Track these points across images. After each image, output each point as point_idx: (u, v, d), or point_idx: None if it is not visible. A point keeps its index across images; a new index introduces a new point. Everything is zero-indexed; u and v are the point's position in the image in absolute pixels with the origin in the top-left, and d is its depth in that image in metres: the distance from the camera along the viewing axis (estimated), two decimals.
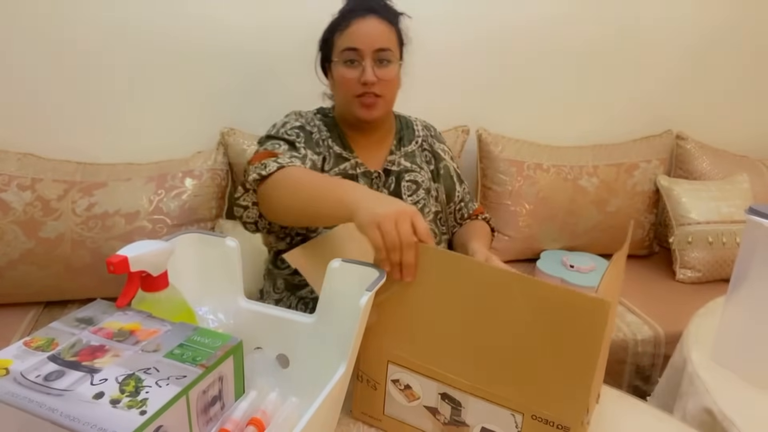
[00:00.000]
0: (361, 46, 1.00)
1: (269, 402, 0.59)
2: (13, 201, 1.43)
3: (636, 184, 1.87)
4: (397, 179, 1.12)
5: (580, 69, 1.92)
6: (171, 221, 1.50)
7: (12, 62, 1.52)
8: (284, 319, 0.70)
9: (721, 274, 1.73)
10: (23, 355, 0.50)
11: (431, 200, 1.14)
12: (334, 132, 1.10)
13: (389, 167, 1.12)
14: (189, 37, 1.60)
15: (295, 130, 1.06)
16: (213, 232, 0.80)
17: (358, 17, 1.01)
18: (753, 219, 0.87)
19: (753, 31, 1.98)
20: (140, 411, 0.44)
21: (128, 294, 0.60)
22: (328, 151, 1.08)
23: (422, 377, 0.70)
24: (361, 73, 1.01)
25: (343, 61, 1.02)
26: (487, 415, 0.66)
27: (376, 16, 1.02)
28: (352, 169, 1.08)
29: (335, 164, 1.07)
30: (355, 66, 1.01)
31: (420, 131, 1.20)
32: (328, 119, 1.13)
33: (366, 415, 0.76)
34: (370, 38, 1.00)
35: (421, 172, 1.14)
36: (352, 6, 1.04)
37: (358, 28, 1.01)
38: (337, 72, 1.04)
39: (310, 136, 1.06)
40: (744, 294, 0.91)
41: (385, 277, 0.64)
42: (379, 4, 1.05)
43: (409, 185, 1.12)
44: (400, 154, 1.14)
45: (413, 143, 1.17)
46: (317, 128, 1.09)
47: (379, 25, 1.02)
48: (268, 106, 1.72)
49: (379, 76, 1.01)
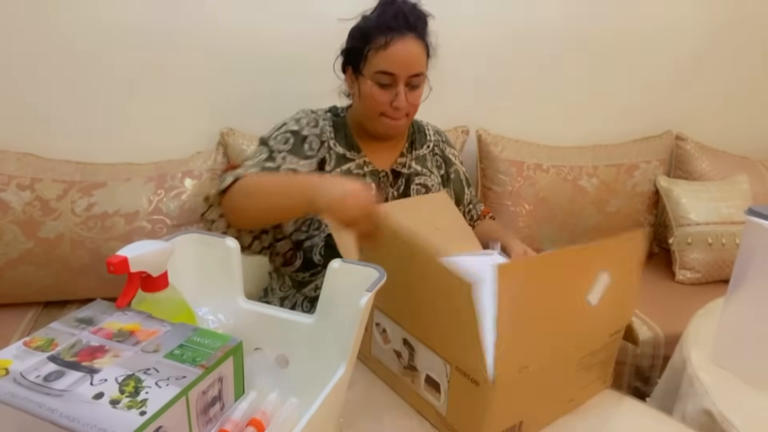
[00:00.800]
0: (397, 71, 1.00)
1: (269, 402, 0.59)
2: (12, 201, 1.43)
3: (636, 184, 1.87)
4: (406, 182, 1.12)
5: (580, 70, 1.92)
6: (170, 221, 1.50)
7: (11, 62, 1.52)
8: (284, 319, 0.70)
9: (721, 275, 1.73)
10: (23, 355, 0.50)
11: None
12: (340, 133, 1.10)
13: (399, 169, 1.12)
14: (189, 37, 1.60)
15: (286, 136, 1.04)
16: (213, 233, 0.80)
17: (396, 37, 0.99)
18: (752, 220, 0.87)
19: (753, 31, 1.98)
20: (140, 411, 0.44)
21: (128, 294, 0.60)
22: (329, 152, 1.07)
23: (392, 322, 0.80)
24: (393, 97, 1.01)
25: (376, 82, 1.01)
26: (430, 362, 0.74)
27: (414, 35, 1.01)
28: (357, 168, 1.09)
29: (337, 165, 1.07)
30: (388, 89, 1.01)
31: (432, 136, 1.21)
32: (338, 119, 1.12)
33: (360, 353, 0.82)
34: (407, 64, 1.00)
35: (431, 176, 1.15)
36: (389, 21, 1.00)
37: (397, 52, 0.99)
38: (366, 88, 1.03)
39: (302, 142, 1.04)
40: (743, 295, 0.91)
41: (385, 277, 0.64)
42: (415, 16, 1.02)
43: (418, 189, 1.13)
44: (411, 156, 1.15)
45: (425, 147, 1.18)
46: (321, 129, 1.08)
47: (416, 46, 1.01)
48: (268, 107, 1.71)
49: (409, 100, 1.02)
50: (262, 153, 1.03)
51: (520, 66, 1.87)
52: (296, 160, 1.02)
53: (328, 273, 0.68)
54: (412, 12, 1.02)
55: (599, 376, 0.81)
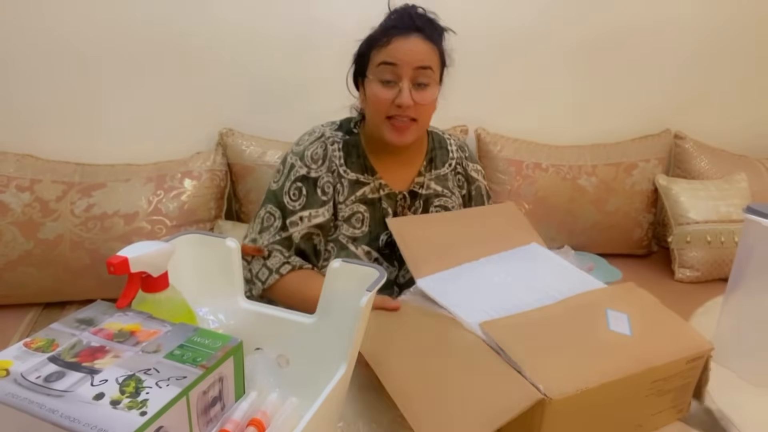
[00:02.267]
0: (399, 62, 0.93)
1: (269, 402, 0.59)
2: (11, 202, 1.43)
3: (635, 183, 1.87)
4: (425, 203, 1.07)
5: (579, 69, 1.92)
6: (170, 222, 1.50)
7: (11, 63, 1.52)
8: (284, 319, 0.70)
9: (720, 274, 1.73)
10: (23, 356, 0.50)
11: None
12: (353, 154, 1.04)
13: (416, 189, 1.06)
14: (188, 38, 1.61)
15: (297, 186, 1.01)
16: (213, 233, 0.80)
17: (400, 35, 0.94)
18: (751, 218, 0.87)
19: (752, 30, 1.99)
20: (140, 412, 0.44)
21: (128, 295, 0.60)
22: (340, 181, 1.02)
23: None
24: (396, 94, 0.94)
25: (379, 79, 0.95)
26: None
27: (420, 35, 0.95)
28: (372, 192, 1.03)
29: (351, 192, 1.03)
30: (391, 86, 0.94)
31: (454, 153, 1.12)
32: (351, 138, 1.05)
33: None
34: (410, 55, 0.93)
35: (452, 198, 1.09)
36: (394, 22, 0.96)
37: (399, 45, 0.93)
38: (370, 89, 0.97)
39: (314, 187, 1.01)
40: (743, 293, 0.91)
41: (385, 277, 0.64)
42: (423, 20, 0.97)
43: (437, 211, 1.07)
44: (430, 176, 1.08)
45: (446, 165, 1.10)
46: (329, 158, 1.02)
47: (422, 44, 0.95)
48: (267, 107, 1.72)
49: (416, 99, 0.94)
50: (274, 220, 1.01)
51: (519, 65, 1.87)
52: (314, 212, 1.00)
53: (328, 273, 0.68)
54: (419, 16, 0.97)
55: (674, 404, 0.78)
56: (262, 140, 1.68)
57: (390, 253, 1.04)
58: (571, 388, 0.62)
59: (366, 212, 1.03)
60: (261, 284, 0.99)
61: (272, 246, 1.01)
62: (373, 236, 1.03)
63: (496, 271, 0.88)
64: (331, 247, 1.03)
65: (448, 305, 0.79)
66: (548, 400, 0.60)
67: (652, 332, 0.73)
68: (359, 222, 1.03)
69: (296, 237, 1.01)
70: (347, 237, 1.02)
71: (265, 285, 0.98)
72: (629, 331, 0.72)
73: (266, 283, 0.98)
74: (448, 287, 0.83)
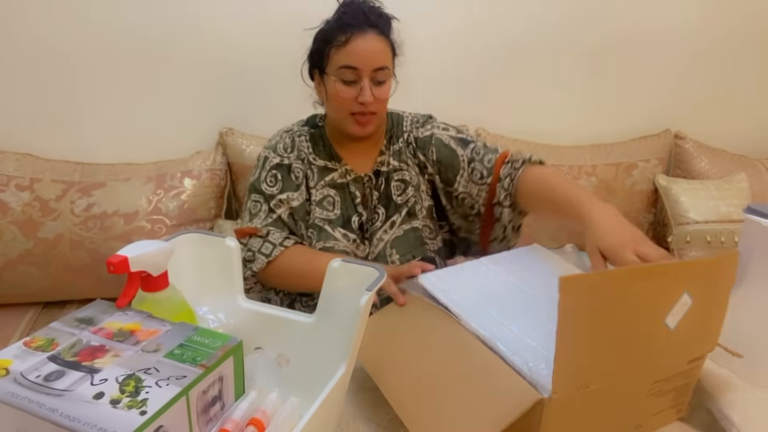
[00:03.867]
0: (360, 65, 0.99)
1: (269, 402, 0.59)
2: (11, 201, 1.43)
3: (634, 183, 1.87)
4: (386, 180, 1.12)
5: (579, 69, 1.92)
6: (170, 221, 1.50)
7: (11, 62, 1.52)
8: (284, 319, 0.70)
9: None
10: (23, 355, 0.50)
11: (422, 195, 1.13)
12: (318, 145, 1.11)
13: (379, 168, 1.12)
14: (187, 36, 1.60)
15: (272, 173, 1.08)
16: (213, 232, 0.80)
17: (356, 33, 0.99)
18: (751, 218, 0.87)
19: (752, 31, 1.99)
20: (140, 411, 0.44)
21: (128, 294, 0.60)
22: (310, 168, 1.09)
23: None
24: (358, 92, 1.01)
25: (340, 79, 1.01)
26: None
27: (375, 31, 1.01)
28: (341, 177, 1.10)
29: (320, 178, 1.09)
30: (352, 85, 1.01)
31: (407, 126, 1.16)
32: (316, 131, 1.13)
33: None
34: (369, 58, 1.00)
35: (408, 169, 1.13)
36: (348, 20, 1.01)
37: (357, 46, 0.99)
38: (331, 87, 1.03)
39: (288, 172, 1.08)
40: (742, 293, 0.91)
41: (385, 276, 0.64)
42: (375, 15, 1.03)
43: (397, 185, 1.12)
44: (389, 153, 1.13)
45: (401, 140, 1.15)
46: (298, 148, 1.10)
47: (378, 42, 1.01)
48: (267, 106, 1.72)
49: (375, 95, 1.01)
50: (260, 205, 1.07)
51: (520, 65, 1.87)
52: (291, 195, 1.07)
53: (328, 272, 0.68)
54: (372, 11, 1.02)
55: (674, 404, 0.77)
56: (262, 139, 1.68)
57: (362, 235, 1.10)
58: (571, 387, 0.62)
59: (336, 195, 1.09)
60: (265, 258, 1.02)
61: (267, 227, 1.05)
62: (345, 218, 1.09)
63: (499, 270, 0.88)
64: (311, 232, 1.08)
65: (448, 303, 0.79)
66: (547, 400, 0.60)
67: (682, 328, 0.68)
68: (331, 205, 1.09)
69: (284, 217, 1.06)
70: (322, 219, 1.08)
71: (270, 257, 1.02)
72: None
73: (271, 255, 1.02)
74: (449, 285, 0.83)
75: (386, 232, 1.09)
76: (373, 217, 1.11)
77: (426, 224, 1.13)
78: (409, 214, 1.11)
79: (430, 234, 1.13)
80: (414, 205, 1.11)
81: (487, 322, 0.74)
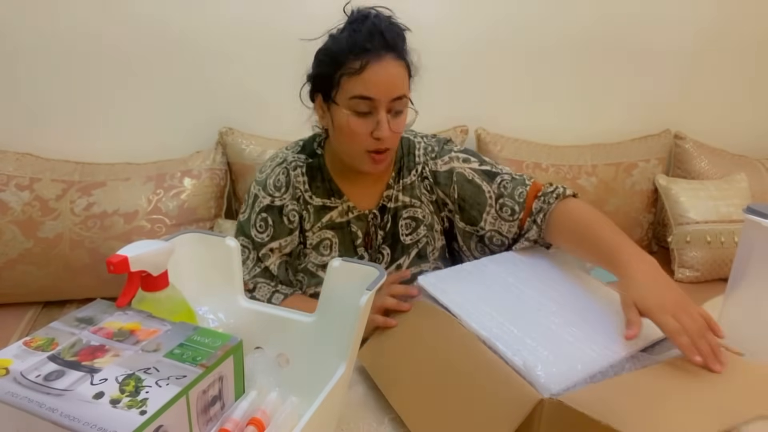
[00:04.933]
0: (377, 96, 0.87)
1: (269, 402, 0.59)
2: (11, 201, 1.43)
3: (634, 183, 1.87)
4: (393, 217, 1.01)
5: (579, 68, 1.92)
6: (170, 221, 1.50)
7: (10, 62, 1.52)
8: (284, 318, 0.70)
9: (720, 274, 1.73)
10: (23, 354, 0.50)
11: (435, 235, 1.04)
12: (317, 178, 1.00)
13: (385, 203, 1.01)
14: (187, 36, 1.60)
15: (262, 217, 0.98)
16: (213, 232, 0.80)
17: (372, 59, 0.86)
18: (751, 218, 0.87)
19: (751, 30, 1.99)
20: (140, 411, 0.44)
21: (128, 294, 0.60)
22: (306, 208, 0.99)
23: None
24: (373, 126, 0.88)
25: (353, 111, 0.88)
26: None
27: (393, 55, 0.88)
28: (341, 216, 1.00)
29: (317, 220, 1.00)
30: (367, 117, 0.88)
31: (420, 157, 1.03)
32: (315, 161, 1.01)
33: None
34: (387, 87, 0.87)
35: (421, 207, 1.02)
36: (363, 43, 0.86)
37: (375, 75, 0.86)
38: (342, 120, 0.90)
39: (280, 215, 0.98)
40: (742, 293, 0.91)
41: (384, 276, 0.64)
42: (392, 33, 0.89)
43: (408, 223, 1.01)
44: (398, 187, 1.01)
45: (413, 173, 1.03)
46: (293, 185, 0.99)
47: (396, 67, 0.88)
48: (267, 106, 1.72)
49: (393, 129, 0.89)
50: (248, 252, 0.98)
51: (519, 65, 1.87)
52: (283, 243, 0.99)
53: (328, 272, 0.68)
54: (389, 29, 0.88)
55: None
56: (261, 139, 1.68)
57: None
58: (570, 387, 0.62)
59: (334, 237, 1.00)
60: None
61: (255, 280, 0.98)
62: None
63: (498, 271, 0.88)
64: (301, 277, 1.01)
65: (448, 304, 0.79)
66: (547, 400, 0.60)
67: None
68: (327, 249, 1.00)
69: (273, 268, 0.99)
70: (316, 265, 1.00)
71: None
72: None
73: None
74: (448, 285, 0.83)
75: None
76: (376, 258, 1.02)
77: (438, 266, 1.02)
78: (419, 255, 1.01)
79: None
80: (425, 246, 1.01)
81: (488, 323, 0.74)
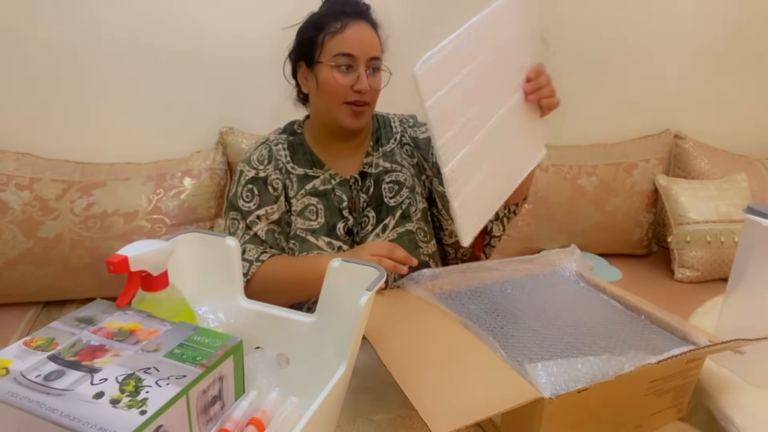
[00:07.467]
0: (357, 52, 0.98)
1: (269, 402, 0.59)
2: (11, 201, 1.43)
3: (635, 183, 1.87)
4: (376, 182, 1.09)
5: (579, 69, 1.92)
6: (170, 221, 1.50)
7: (10, 62, 1.52)
8: (284, 318, 0.70)
9: (720, 274, 1.74)
10: (23, 354, 0.50)
11: (417, 197, 1.11)
12: (299, 152, 1.08)
13: (366, 170, 1.09)
14: (187, 36, 1.60)
15: (248, 188, 1.04)
16: (213, 232, 0.80)
17: (350, 21, 0.99)
18: (751, 218, 0.87)
19: (751, 30, 1.99)
20: (140, 411, 0.44)
21: (128, 294, 0.60)
22: (289, 177, 1.06)
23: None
24: (354, 80, 0.99)
25: (336, 66, 0.99)
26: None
27: (367, 22, 1.01)
28: (324, 183, 1.07)
29: (300, 187, 1.06)
30: (348, 72, 0.99)
31: (397, 127, 1.15)
32: (295, 138, 1.10)
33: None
34: (365, 45, 0.99)
35: (402, 170, 1.10)
36: (341, 8, 1.01)
37: (354, 34, 0.99)
38: (326, 75, 1.00)
39: (265, 185, 1.04)
40: (742, 293, 0.91)
41: (384, 276, 0.64)
42: (367, 9, 1.04)
43: (391, 186, 1.09)
44: (378, 155, 1.11)
45: (392, 141, 1.13)
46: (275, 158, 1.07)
47: (371, 32, 1.01)
48: (267, 106, 1.71)
49: (371, 84, 1.00)
50: (237, 223, 1.03)
51: None
52: (269, 210, 1.03)
53: (328, 272, 0.68)
54: (359, 2, 1.04)
55: (674, 404, 0.77)
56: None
57: (351, 240, 1.07)
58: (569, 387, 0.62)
59: (319, 204, 1.06)
60: (243, 277, 0.97)
61: (244, 245, 1.02)
62: (330, 227, 1.05)
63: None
64: (293, 244, 1.05)
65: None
66: (547, 400, 0.60)
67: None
68: (313, 214, 1.06)
69: (262, 234, 1.03)
70: (304, 230, 1.05)
71: (248, 275, 0.98)
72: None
73: (248, 273, 0.98)
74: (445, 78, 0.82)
75: (378, 236, 1.06)
76: (362, 221, 1.08)
77: (420, 227, 1.10)
78: (403, 216, 1.08)
79: (424, 237, 1.10)
80: (408, 207, 1.09)
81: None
